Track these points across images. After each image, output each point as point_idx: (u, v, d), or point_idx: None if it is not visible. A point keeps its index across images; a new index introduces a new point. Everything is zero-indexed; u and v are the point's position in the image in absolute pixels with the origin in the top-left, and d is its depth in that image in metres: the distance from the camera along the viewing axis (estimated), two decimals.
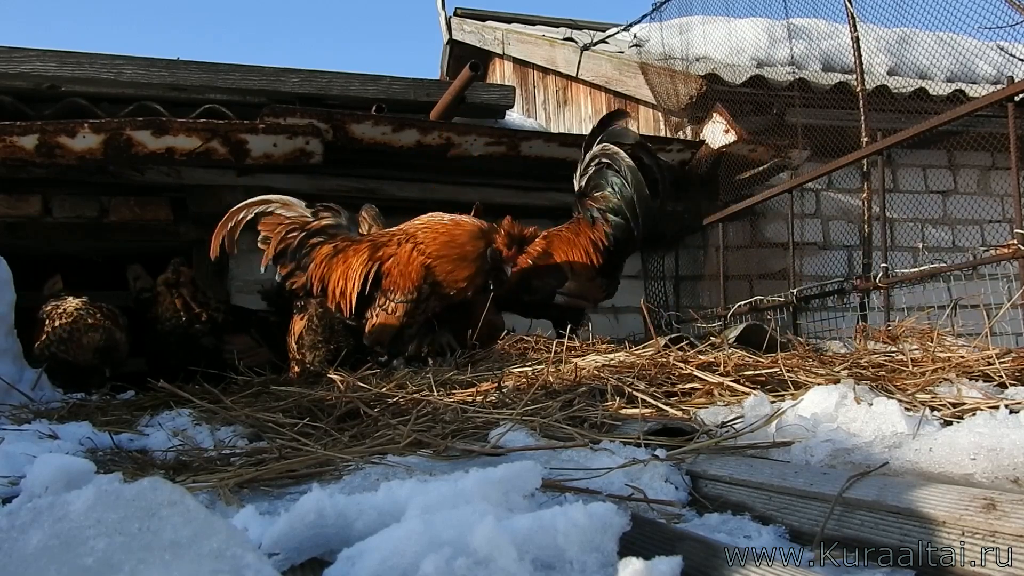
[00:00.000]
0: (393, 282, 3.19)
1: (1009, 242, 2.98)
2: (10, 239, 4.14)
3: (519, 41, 7.45)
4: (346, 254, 3.29)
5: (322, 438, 1.80)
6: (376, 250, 3.25)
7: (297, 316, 3.54)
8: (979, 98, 3.35)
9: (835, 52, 5.55)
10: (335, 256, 3.30)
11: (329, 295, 3.29)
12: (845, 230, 5.49)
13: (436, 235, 3.16)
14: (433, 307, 3.25)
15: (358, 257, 3.25)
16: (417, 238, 3.19)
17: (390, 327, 3.21)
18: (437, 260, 3.13)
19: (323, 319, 3.43)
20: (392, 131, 4.32)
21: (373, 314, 3.24)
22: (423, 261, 3.14)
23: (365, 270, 3.21)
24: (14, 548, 0.71)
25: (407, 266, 3.16)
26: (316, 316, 3.43)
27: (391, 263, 3.20)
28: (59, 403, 2.94)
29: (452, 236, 3.15)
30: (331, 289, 3.27)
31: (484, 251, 3.12)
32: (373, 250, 3.25)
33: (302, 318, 3.50)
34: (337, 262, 3.28)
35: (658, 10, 5.70)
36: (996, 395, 1.81)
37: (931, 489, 0.98)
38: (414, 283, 3.14)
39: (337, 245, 3.33)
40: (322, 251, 3.31)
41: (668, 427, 1.62)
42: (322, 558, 0.95)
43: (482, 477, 1.02)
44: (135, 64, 5.36)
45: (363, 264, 3.22)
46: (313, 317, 3.44)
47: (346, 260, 3.27)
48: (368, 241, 3.34)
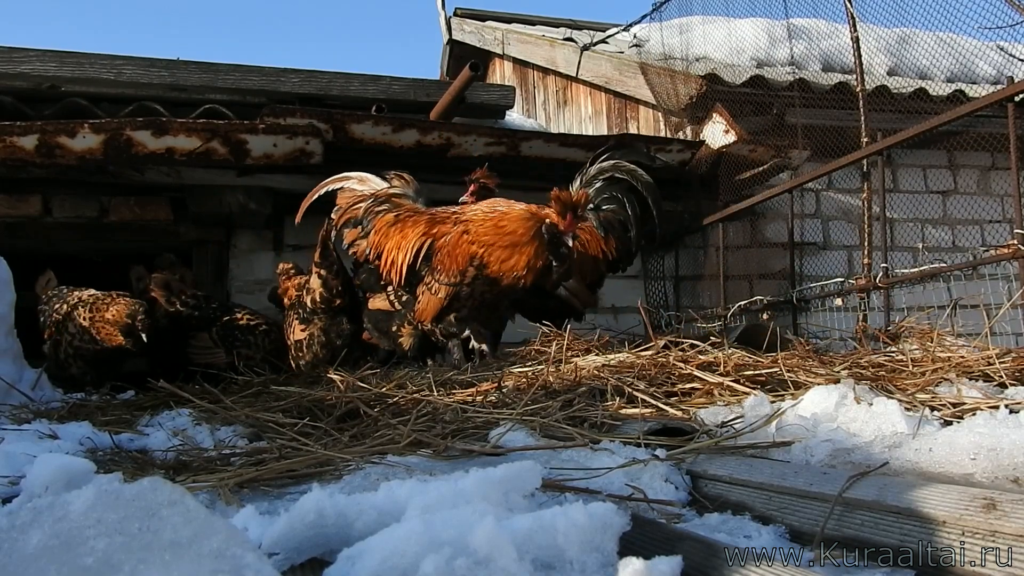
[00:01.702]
0: (440, 262, 3.15)
1: (1009, 242, 2.98)
2: (10, 239, 4.14)
3: (519, 41, 7.45)
4: (404, 223, 3.27)
5: (322, 438, 1.80)
6: (433, 225, 3.21)
7: (295, 318, 3.54)
8: (979, 98, 3.35)
9: (835, 52, 5.55)
10: (394, 225, 3.28)
11: (382, 263, 3.27)
12: (845, 230, 5.49)
13: (485, 220, 3.09)
14: (486, 295, 3.15)
15: (414, 229, 3.22)
16: (470, 222, 3.12)
17: (433, 307, 3.17)
18: (487, 248, 3.05)
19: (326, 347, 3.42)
20: (392, 131, 4.32)
21: (420, 290, 3.21)
22: (470, 249, 3.06)
23: (419, 243, 3.17)
24: (14, 548, 0.71)
25: (455, 248, 3.11)
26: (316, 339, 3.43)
27: (443, 242, 3.15)
28: (59, 403, 2.94)
29: (500, 222, 3.06)
30: (384, 258, 3.25)
31: (538, 230, 3.01)
32: (430, 224, 3.21)
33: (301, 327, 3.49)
34: (395, 231, 3.26)
35: (658, 10, 5.69)
36: (996, 395, 1.81)
37: (931, 489, 0.98)
38: (459, 267, 3.09)
39: (399, 214, 3.31)
40: (384, 219, 3.31)
41: (668, 427, 1.62)
42: (322, 558, 0.95)
43: (482, 477, 1.02)
44: (135, 64, 5.36)
45: (418, 237, 3.19)
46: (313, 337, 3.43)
47: (403, 230, 3.25)
48: (428, 214, 3.30)
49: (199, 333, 3.86)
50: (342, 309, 3.45)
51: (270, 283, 4.57)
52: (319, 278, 3.40)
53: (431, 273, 3.17)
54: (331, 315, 3.42)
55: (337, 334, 3.43)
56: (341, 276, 3.44)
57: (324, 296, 3.39)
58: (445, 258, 3.12)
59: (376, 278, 3.68)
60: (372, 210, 3.36)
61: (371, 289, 3.69)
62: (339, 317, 3.44)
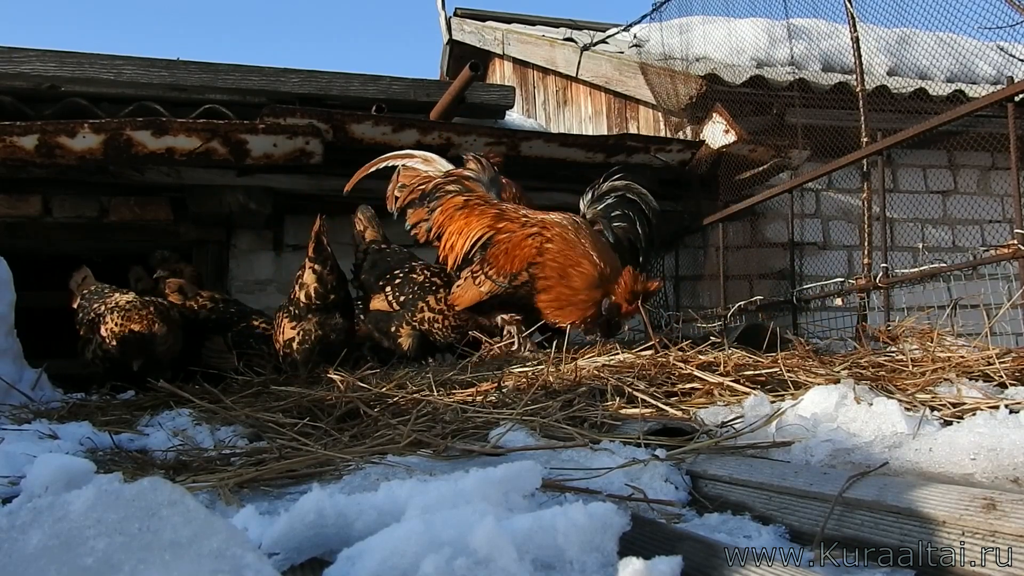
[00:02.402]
0: (495, 257, 3.07)
1: (1009, 242, 2.98)
2: (10, 239, 4.15)
3: (519, 41, 7.45)
4: (471, 210, 3.21)
5: (322, 438, 1.80)
6: (500, 220, 3.14)
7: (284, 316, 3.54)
8: (979, 98, 3.35)
9: (835, 52, 5.55)
10: (461, 209, 3.23)
11: (441, 244, 3.23)
12: (845, 230, 5.49)
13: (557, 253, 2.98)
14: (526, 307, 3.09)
15: (480, 220, 3.16)
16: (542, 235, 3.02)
17: (470, 297, 3.11)
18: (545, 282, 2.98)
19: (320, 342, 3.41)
20: (392, 131, 4.32)
21: (464, 275, 3.14)
22: (530, 258, 2.97)
23: (480, 234, 3.11)
24: (14, 548, 0.71)
25: (515, 249, 3.02)
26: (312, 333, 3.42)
27: (504, 237, 3.08)
28: (59, 403, 2.94)
29: (567, 270, 2.97)
30: (444, 240, 3.22)
31: (600, 301, 2.93)
32: (497, 219, 3.15)
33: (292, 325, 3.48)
34: (460, 215, 3.21)
35: (658, 10, 5.70)
36: (996, 395, 1.81)
37: (931, 489, 0.98)
38: (512, 270, 3.00)
39: (469, 199, 3.26)
40: (453, 201, 3.26)
41: (668, 427, 1.62)
42: (322, 558, 0.95)
43: (482, 477, 1.02)
44: (135, 64, 5.36)
45: (482, 228, 3.13)
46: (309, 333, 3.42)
47: (468, 217, 3.19)
48: (497, 208, 3.22)
49: (214, 336, 3.87)
50: (336, 304, 3.44)
51: (270, 282, 4.58)
52: (313, 273, 3.38)
53: (481, 264, 3.10)
54: (325, 311, 3.41)
55: (332, 328, 3.41)
56: (335, 272, 3.43)
57: (319, 292, 3.38)
58: (501, 255, 3.05)
59: (376, 279, 3.68)
60: (442, 187, 3.29)
61: (371, 289, 3.68)
62: (333, 312, 3.43)
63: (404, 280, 3.57)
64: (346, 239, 4.78)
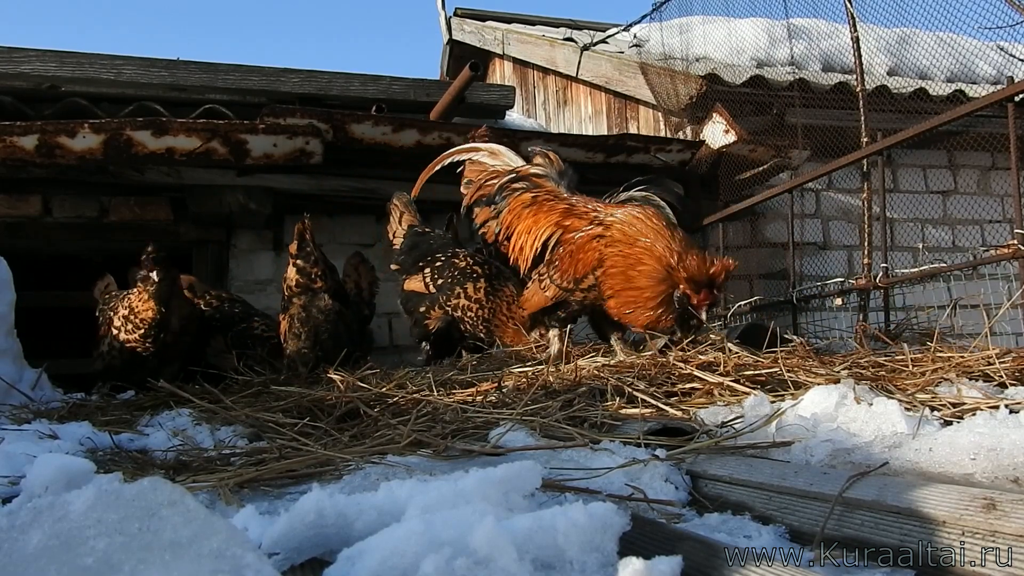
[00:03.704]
0: (561, 259, 2.91)
1: (1009, 242, 2.98)
2: (10, 239, 4.14)
3: (519, 41, 7.45)
4: (540, 207, 3.04)
5: (322, 438, 1.80)
6: (567, 216, 2.97)
7: (280, 315, 3.54)
8: (979, 98, 3.35)
9: (835, 52, 5.55)
10: (529, 207, 3.06)
11: (510, 246, 3.09)
12: (845, 230, 5.49)
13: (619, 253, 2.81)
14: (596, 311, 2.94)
15: (548, 216, 2.99)
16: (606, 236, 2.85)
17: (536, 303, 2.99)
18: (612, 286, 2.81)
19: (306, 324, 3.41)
20: (392, 131, 4.32)
21: (533, 277, 3.01)
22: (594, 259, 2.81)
23: (548, 232, 2.96)
24: (14, 548, 0.71)
25: (579, 251, 2.86)
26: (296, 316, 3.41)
27: (569, 237, 2.91)
28: (59, 403, 2.94)
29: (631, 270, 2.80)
30: (513, 241, 3.07)
31: (670, 296, 2.76)
32: (565, 215, 2.97)
33: (282, 318, 3.49)
34: (528, 213, 3.05)
35: (658, 10, 5.69)
36: (996, 395, 1.81)
37: (931, 489, 0.98)
38: (576, 274, 2.85)
39: (537, 195, 3.08)
40: (520, 199, 3.09)
41: (668, 427, 1.62)
42: (322, 558, 0.95)
43: (482, 477, 1.02)
44: (135, 64, 5.36)
45: (549, 226, 2.97)
46: (294, 317, 3.41)
47: (536, 214, 3.03)
48: (566, 203, 3.04)
49: (217, 335, 3.87)
50: (323, 290, 3.42)
51: (270, 282, 4.57)
52: (294, 267, 3.39)
53: (547, 266, 2.96)
54: (310, 294, 3.41)
55: (319, 310, 3.40)
56: (321, 264, 3.42)
57: (300, 281, 3.39)
58: (566, 258, 2.89)
59: (415, 260, 3.65)
60: (508, 187, 3.12)
61: (407, 271, 3.73)
62: (319, 295, 3.42)
63: (445, 264, 3.60)
64: (347, 239, 4.80)
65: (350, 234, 4.81)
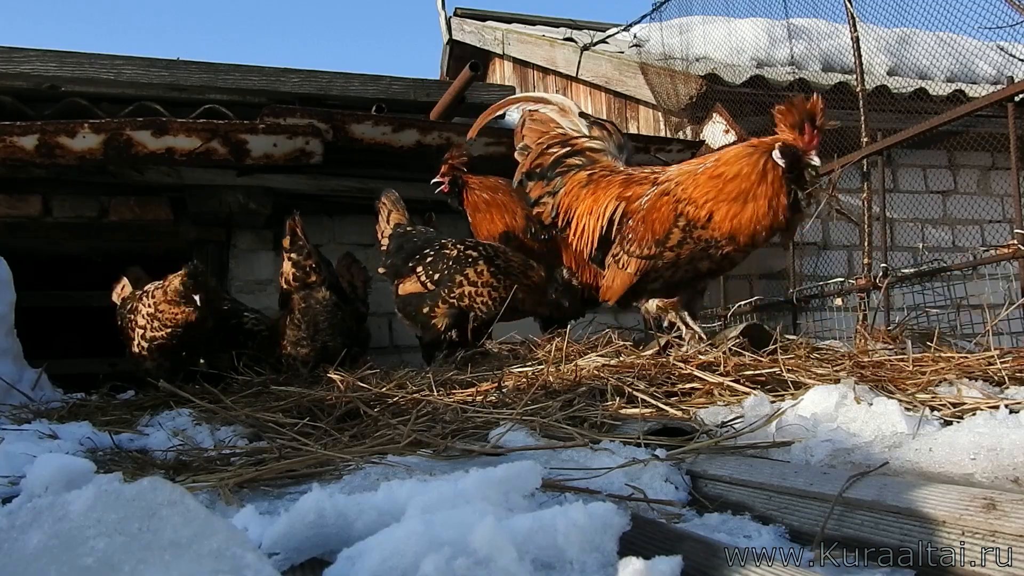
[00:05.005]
0: (633, 230, 2.65)
1: (1009, 242, 2.98)
2: (10, 239, 4.14)
3: (519, 41, 7.45)
4: (597, 184, 2.81)
5: (322, 438, 1.80)
6: (627, 187, 2.74)
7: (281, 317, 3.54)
8: (979, 98, 3.35)
9: (835, 52, 5.55)
10: (586, 186, 2.84)
11: (571, 230, 2.88)
12: (845, 230, 5.49)
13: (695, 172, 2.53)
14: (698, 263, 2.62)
15: (607, 192, 2.77)
16: (671, 180, 2.59)
17: (620, 285, 2.73)
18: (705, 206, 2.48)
19: (306, 315, 3.39)
20: (392, 131, 4.32)
21: (608, 263, 2.76)
22: (675, 209, 2.52)
23: (611, 208, 2.73)
24: (14, 548, 0.71)
25: (651, 212, 2.59)
26: (297, 309, 3.39)
27: (636, 206, 2.67)
28: (59, 403, 2.94)
29: (717, 170, 2.49)
30: (574, 225, 2.85)
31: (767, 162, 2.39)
32: (625, 186, 2.74)
33: (281, 313, 3.48)
34: (587, 193, 2.83)
35: (658, 10, 5.70)
36: (996, 395, 1.81)
37: (931, 489, 0.98)
38: (657, 235, 2.57)
39: (593, 173, 2.86)
40: (576, 178, 2.87)
41: (668, 427, 1.62)
42: (322, 558, 0.95)
43: (482, 477, 1.02)
44: (135, 64, 5.36)
45: (611, 201, 2.74)
46: (294, 310, 3.39)
47: (595, 192, 2.81)
48: (624, 174, 2.82)
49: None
50: (319, 283, 3.42)
51: (270, 282, 4.57)
52: (289, 261, 3.37)
53: (620, 243, 2.71)
54: (307, 288, 3.39)
55: (317, 301, 3.39)
56: (314, 258, 3.41)
57: (296, 275, 3.38)
58: (639, 225, 2.62)
59: (404, 260, 3.50)
60: (563, 162, 2.91)
61: (400, 274, 3.56)
62: (317, 288, 3.41)
63: (436, 257, 3.39)
64: (347, 238, 4.80)
65: (350, 234, 4.81)
